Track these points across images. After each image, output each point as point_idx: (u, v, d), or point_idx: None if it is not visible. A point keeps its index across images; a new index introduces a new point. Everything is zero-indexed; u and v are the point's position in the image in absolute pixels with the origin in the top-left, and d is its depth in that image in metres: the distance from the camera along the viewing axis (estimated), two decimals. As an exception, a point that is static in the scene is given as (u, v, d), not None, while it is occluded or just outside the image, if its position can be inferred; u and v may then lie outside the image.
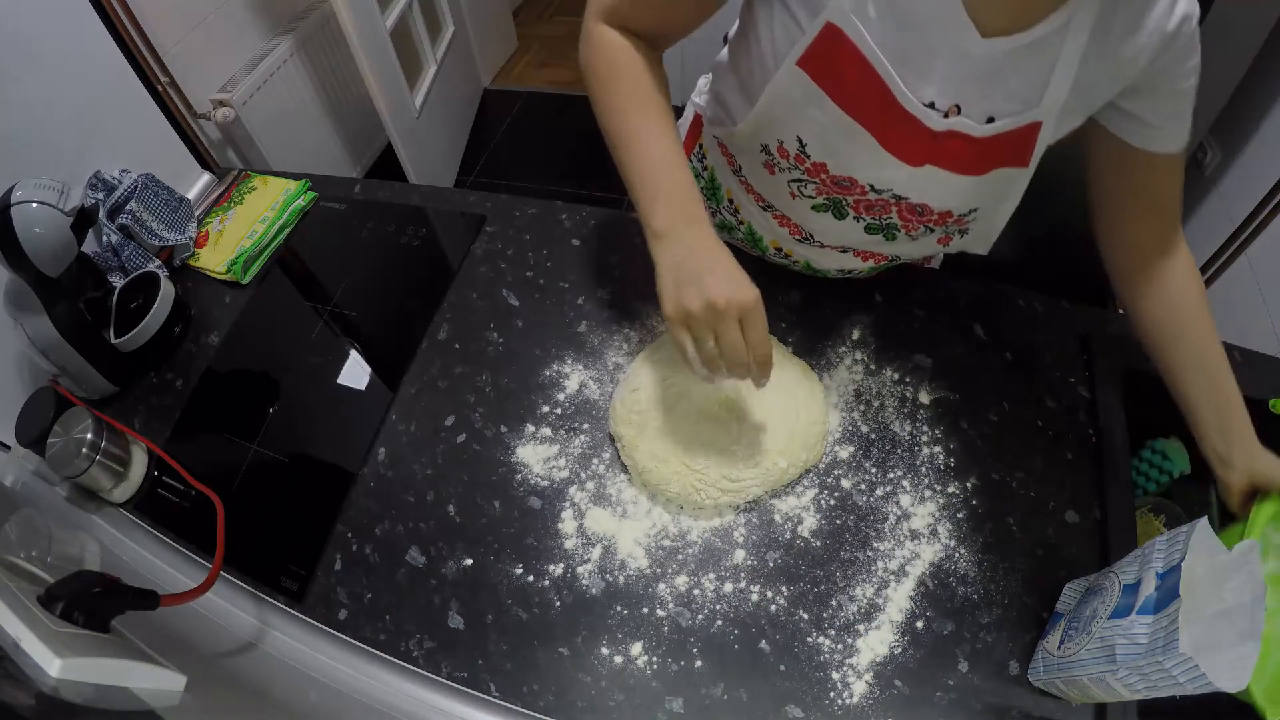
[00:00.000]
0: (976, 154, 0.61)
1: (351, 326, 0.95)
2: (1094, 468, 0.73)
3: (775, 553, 0.70)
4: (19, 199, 0.77)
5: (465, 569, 0.72)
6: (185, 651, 0.67)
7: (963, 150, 0.61)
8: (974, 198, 0.66)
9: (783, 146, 0.68)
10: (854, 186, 0.68)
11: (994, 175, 0.63)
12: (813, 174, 0.69)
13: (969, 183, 0.64)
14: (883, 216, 0.71)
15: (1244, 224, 1.40)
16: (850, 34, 0.55)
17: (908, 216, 0.70)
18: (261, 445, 0.85)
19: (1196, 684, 0.45)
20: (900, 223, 0.71)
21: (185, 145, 1.14)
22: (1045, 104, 0.56)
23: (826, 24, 0.56)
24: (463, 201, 1.06)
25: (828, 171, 0.68)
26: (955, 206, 0.67)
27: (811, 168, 0.68)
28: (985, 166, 0.62)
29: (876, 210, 0.70)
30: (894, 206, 0.69)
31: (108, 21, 0.99)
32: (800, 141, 0.66)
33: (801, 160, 0.68)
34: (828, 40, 0.57)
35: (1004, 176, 0.63)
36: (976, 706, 0.62)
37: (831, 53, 0.57)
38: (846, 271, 0.86)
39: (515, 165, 2.58)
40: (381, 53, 1.88)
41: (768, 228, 0.83)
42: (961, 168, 0.63)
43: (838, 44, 0.56)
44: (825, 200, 0.72)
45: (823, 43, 0.57)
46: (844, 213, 0.72)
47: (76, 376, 0.88)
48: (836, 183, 0.68)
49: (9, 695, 0.43)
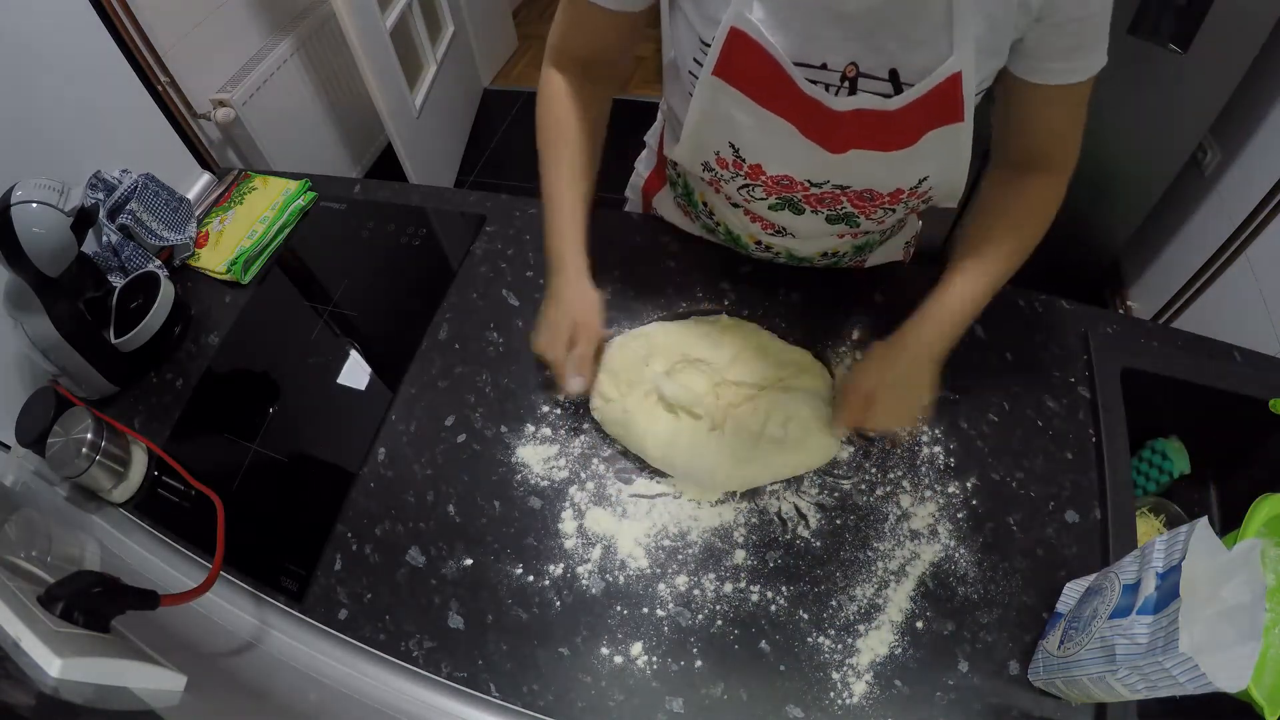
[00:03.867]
0: (897, 126, 0.61)
1: (351, 326, 0.95)
2: (1094, 468, 0.73)
3: (775, 553, 0.70)
4: (19, 199, 0.77)
5: (465, 569, 0.72)
6: (185, 651, 0.67)
7: (880, 126, 0.62)
8: (917, 168, 0.66)
9: (720, 156, 0.71)
10: (795, 184, 0.70)
11: (929, 139, 0.62)
12: (753, 177, 0.71)
13: (904, 155, 0.64)
14: (836, 207, 0.72)
15: (1244, 224, 1.40)
16: (751, 33, 0.58)
17: (860, 204, 0.72)
18: (261, 445, 0.85)
19: (1196, 684, 0.45)
20: (856, 210, 0.73)
21: (185, 145, 1.14)
22: (957, 50, 0.55)
23: (730, 29, 0.58)
24: (463, 201, 1.06)
25: (765, 173, 0.70)
26: (902, 183, 0.68)
27: (750, 171, 0.70)
28: (914, 135, 0.62)
29: (828, 203, 0.72)
30: (843, 197, 0.71)
31: (108, 21, 0.99)
32: (733, 147, 0.69)
33: (739, 165, 0.70)
34: (734, 44, 0.59)
35: (941, 136, 0.62)
36: (976, 706, 0.62)
37: (740, 55, 0.60)
38: (831, 255, 0.87)
39: (515, 165, 2.58)
40: (381, 53, 1.88)
41: (742, 225, 0.84)
42: (887, 144, 0.63)
43: (743, 44, 0.59)
44: (778, 200, 0.73)
45: (730, 48, 0.60)
46: (800, 209, 0.74)
47: (76, 376, 0.88)
48: (778, 183, 0.70)
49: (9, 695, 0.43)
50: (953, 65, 0.56)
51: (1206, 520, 0.49)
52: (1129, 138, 1.57)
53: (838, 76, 0.59)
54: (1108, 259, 1.88)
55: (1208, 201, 1.58)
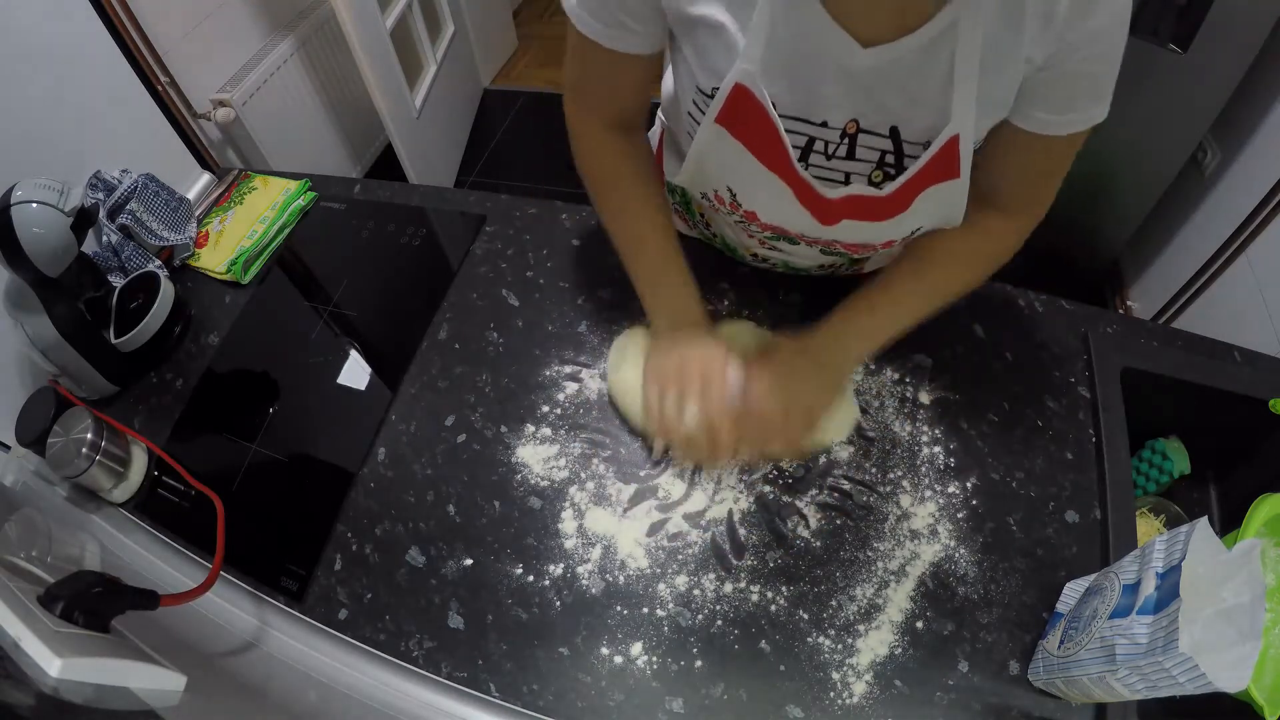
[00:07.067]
0: (890, 201, 0.60)
1: (351, 326, 0.95)
2: (1094, 468, 0.73)
3: (775, 553, 0.70)
4: (19, 199, 0.77)
5: (465, 569, 0.72)
6: (185, 651, 0.67)
7: (871, 204, 0.61)
8: (910, 225, 0.65)
9: (718, 195, 0.70)
10: (789, 232, 0.69)
11: (924, 196, 0.61)
12: (749, 219, 0.71)
13: (897, 219, 0.63)
14: (831, 249, 0.72)
15: (1244, 224, 1.40)
16: (756, 94, 0.56)
17: (854, 248, 0.72)
18: (261, 445, 0.85)
19: (1196, 684, 0.45)
20: (849, 252, 0.72)
21: (185, 145, 1.14)
22: (956, 115, 0.54)
23: (736, 85, 0.57)
24: (463, 201, 1.06)
25: (759, 220, 0.70)
26: (895, 236, 0.67)
27: (746, 214, 0.70)
28: (907, 200, 0.61)
29: (823, 243, 0.72)
30: (836, 244, 0.70)
31: (108, 21, 0.99)
32: (731, 192, 0.68)
33: (735, 208, 0.70)
34: (738, 100, 0.58)
35: (936, 191, 0.60)
36: (976, 706, 0.62)
37: (742, 110, 0.59)
38: (828, 267, 0.87)
39: (515, 165, 2.58)
40: (381, 53, 1.88)
41: (739, 240, 0.84)
42: (879, 215, 0.62)
43: (747, 101, 0.57)
44: (773, 235, 0.73)
45: (734, 102, 0.58)
46: (795, 241, 0.73)
47: (76, 376, 0.88)
48: (771, 228, 0.70)
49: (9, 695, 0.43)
50: (951, 130, 0.55)
51: (1206, 520, 0.49)
52: (1129, 138, 1.57)
53: (838, 134, 0.58)
54: (1108, 259, 1.88)
55: (1208, 201, 1.59)
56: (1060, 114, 0.56)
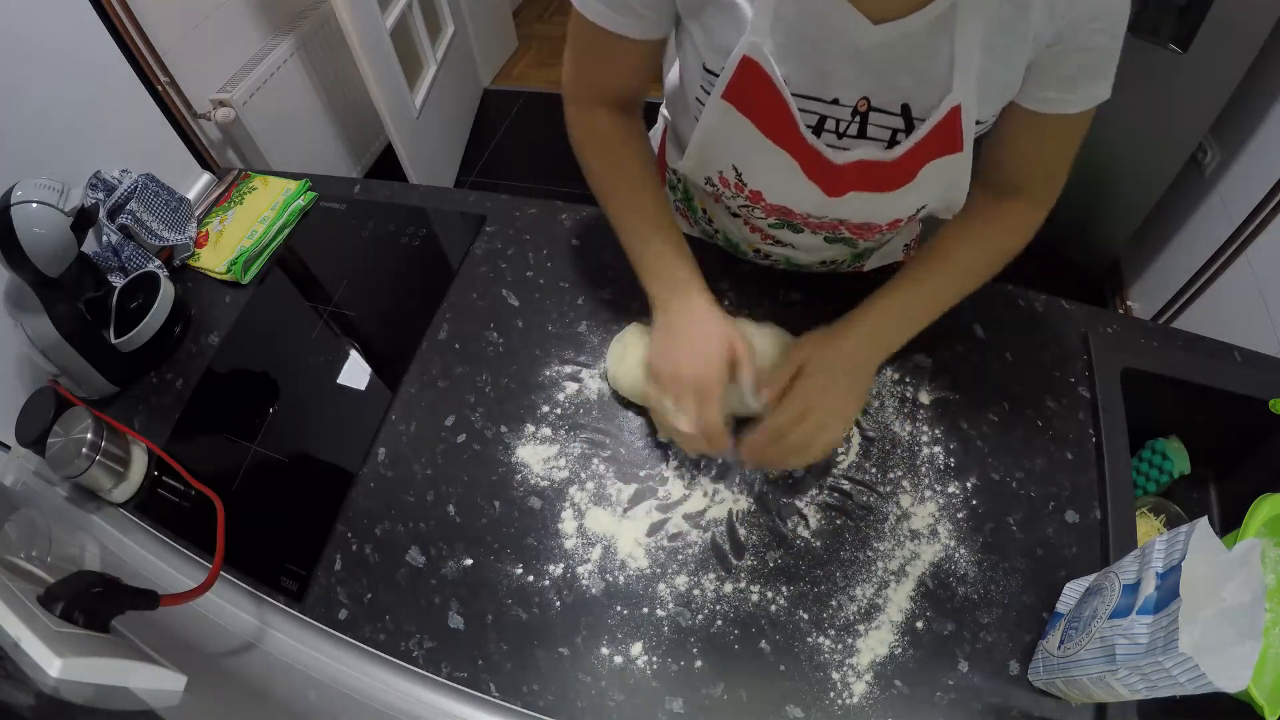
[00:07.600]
0: (896, 169, 0.61)
1: (351, 326, 0.95)
2: (1094, 468, 0.73)
3: (775, 553, 0.70)
4: (19, 199, 0.77)
5: (465, 569, 0.72)
6: (185, 651, 0.67)
7: (879, 171, 0.61)
8: (915, 200, 0.66)
9: (723, 176, 0.70)
10: (794, 213, 0.69)
11: (928, 170, 0.62)
12: (754, 200, 0.71)
13: (903, 191, 0.63)
14: (835, 233, 0.72)
15: (1244, 224, 1.40)
16: (763, 65, 0.57)
17: (858, 231, 0.72)
18: (261, 445, 0.85)
19: (1196, 684, 0.45)
20: (854, 235, 0.72)
21: (185, 145, 1.14)
22: (957, 86, 0.55)
23: (743, 57, 0.57)
24: (463, 201, 1.06)
25: (765, 200, 0.70)
26: (900, 214, 0.68)
27: (751, 195, 0.70)
28: (912, 171, 0.62)
29: (827, 227, 0.72)
30: (841, 226, 0.71)
31: (108, 21, 0.99)
32: (736, 171, 0.68)
33: (740, 189, 0.70)
34: (745, 72, 0.58)
35: (940, 166, 0.61)
36: (976, 706, 0.62)
37: (750, 83, 0.59)
38: (830, 263, 0.87)
39: (515, 165, 2.58)
40: (381, 53, 1.88)
41: (741, 235, 0.84)
42: (886, 185, 0.63)
43: (754, 74, 0.58)
44: (777, 220, 0.73)
45: (741, 75, 0.59)
46: (799, 228, 0.73)
47: (76, 376, 0.88)
48: (777, 209, 0.70)
49: (9, 695, 0.43)
50: (952, 99, 0.56)
51: (1206, 520, 0.49)
52: (1129, 138, 1.57)
53: (849, 112, 0.59)
54: (1108, 259, 1.88)
55: (1208, 201, 1.58)
56: (1068, 92, 0.57)
